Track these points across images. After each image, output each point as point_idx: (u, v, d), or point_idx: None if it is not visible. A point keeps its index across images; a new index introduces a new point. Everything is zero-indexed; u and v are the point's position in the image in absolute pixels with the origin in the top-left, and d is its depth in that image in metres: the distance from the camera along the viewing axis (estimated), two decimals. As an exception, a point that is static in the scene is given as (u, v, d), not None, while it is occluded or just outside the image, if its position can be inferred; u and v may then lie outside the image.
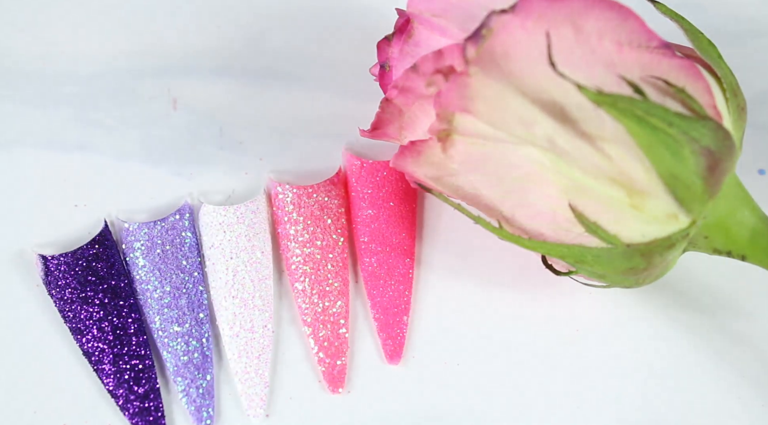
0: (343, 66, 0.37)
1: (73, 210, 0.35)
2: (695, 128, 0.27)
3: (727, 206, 0.29)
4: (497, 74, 0.27)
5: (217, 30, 0.38)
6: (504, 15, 0.26)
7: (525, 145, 0.28)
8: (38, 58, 0.37)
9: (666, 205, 0.28)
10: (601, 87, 0.27)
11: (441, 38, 0.29)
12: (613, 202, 0.28)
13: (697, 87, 0.28)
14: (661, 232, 0.28)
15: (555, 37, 0.27)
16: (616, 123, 0.27)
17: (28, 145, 0.36)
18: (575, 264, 0.29)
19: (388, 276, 0.34)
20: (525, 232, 0.29)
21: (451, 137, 0.28)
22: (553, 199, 0.28)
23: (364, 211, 0.35)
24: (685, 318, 0.34)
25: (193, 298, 0.34)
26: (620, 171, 0.27)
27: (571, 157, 0.27)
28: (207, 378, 0.33)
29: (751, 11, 0.39)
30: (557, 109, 0.27)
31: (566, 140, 0.27)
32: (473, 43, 0.26)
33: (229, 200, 0.35)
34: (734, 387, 0.33)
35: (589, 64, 0.27)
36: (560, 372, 0.33)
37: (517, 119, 0.27)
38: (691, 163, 0.27)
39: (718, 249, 0.30)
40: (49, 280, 0.33)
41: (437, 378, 0.33)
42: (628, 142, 0.27)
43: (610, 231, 0.28)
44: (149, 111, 0.37)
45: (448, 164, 0.29)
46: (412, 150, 0.29)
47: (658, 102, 0.27)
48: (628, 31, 0.27)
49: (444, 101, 0.27)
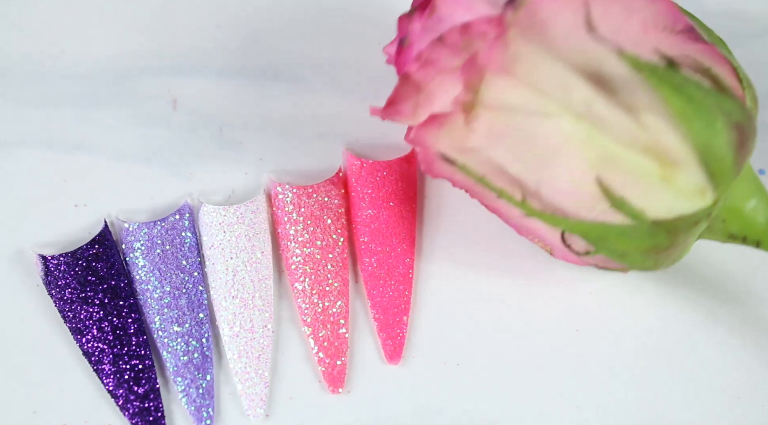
0: (344, 66, 0.37)
1: (73, 210, 0.35)
2: (727, 103, 0.28)
3: (744, 191, 0.30)
4: (536, 39, 0.27)
5: (217, 30, 0.38)
6: None
7: (556, 116, 0.28)
8: (38, 58, 0.37)
9: (697, 177, 0.28)
10: (639, 55, 0.27)
11: (465, 13, 0.29)
12: (644, 174, 0.28)
13: (722, 70, 0.28)
14: (686, 209, 0.28)
15: (593, 5, 0.27)
16: (653, 91, 0.27)
17: (28, 145, 0.36)
18: (597, 241, 0.29)
19: (388, 276, 0.34)
20: (548, 207, 0.29)
21: (476, 110, 0.28)
22: (580, 173, 0.28)
23: (364, 211, 0.35)
24: (686, 318, 0.34)
25: (193, 298, 0.34)
26: (655, 140, 0.28)
27: (607, 124, 0.28)
28: (207, 378, 0.33)
29: (751, 11, 0.39)
30: (595, 76, 0.27)
31: (603, 106, 0.27)
32: (512, 7, 0.26)
33: (229, 200, 0.36)
34: (734, 386, 0.33)
35: (626, 33, 0.27)
36: (560, 371, 0.33)
37: (556, 83, 0.27)
38: (724, 135, 0.28)
39: (733, 235, 0.30)
40: (49, 280, 0.33)
41: (437, 378, 0.33)
42: (664, 111, 0.27)
43: (636, 207, 0.28)
44: (149, 111, 0.37)
45: (470, 138, 0.29)
46: (434, 122, 0.28)
47: (691, 76, 0.28)
48: (655, 13, 0.27)
49: (482, 62, 0.27)
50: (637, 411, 0.33)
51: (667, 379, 0.33)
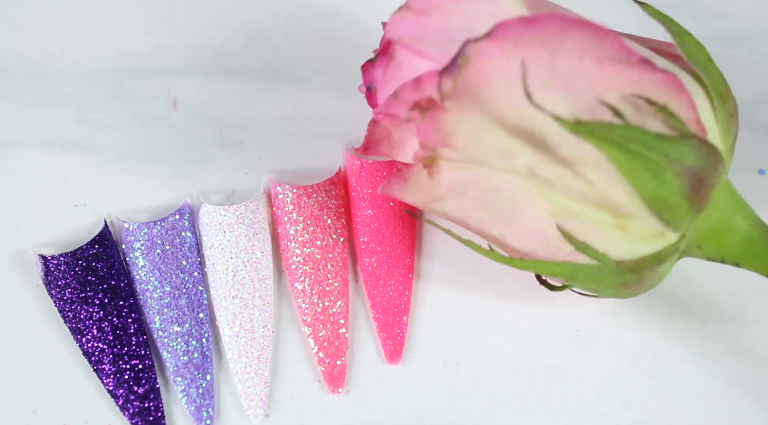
0: (343, 66, 0.37)
1: (73, 210, 0.35)
2: (677, 148, 0.27)
3: (719, 215, 0.29)
4: (474, 106, 0.26)
5: (217, 30, 0.38)
6: (480, 42, 0.26)
7: (507, 173, 0.28)
8: (38, 58, 0.37)
9: (652, 225, 0.28)
10: (580, 113, 0.27)
11: (422, 61, 0.28)
12: (599, 224, 0.28)
13: (679, 102, 0.27)
14: (649, 249, 0.28)
15: (532, 62, 0.26)
16: (596, 150, 0.27)
17: (28, 145, 0.36)
18: (568, 280, 0.29)
19: (388, 276, 0.34)
20: (516, 253, 0.29)
21: (437, 163, 0.28)
22: (541, 220, 0.28)
23: (364, 211, 0.35)
24: (683, 321, 0.34)
25: (193, 298, 0.34)
26: (603, 196, 0.27)
27: (554, 185, 0.27)
28: (207, 378, 0.33)
29: (750, 11, 0.39)
30: (536, 137, 0.27)
31: (547, 168, 0.27)
32: (449, 74, 0.26)
33: (229, 200, 0.36)
34: (731, 390, 0.33)
35: (568, 88, 0.27)
36: (559, 372, 0.33)
37: (496, 152, 0.27)
38: (674, 184, 0.27)
39: (711, 258, 0.30)
40: (49, 280, 0.33)
41: (437, 378, 0.33)
42: (609, 167, 0.27)
43: (599, 250, 0.28)
44: (149, 111, 0.37)
45: (435, 189, 0.29)
46: (399, 177, 0.29)
47: (638, 123, 0.27)
48: (608, 48, 0.26)
49: (422, 137, 0.27)
50: (637, 411, 0.33)
51: (668, 379, 0.33)
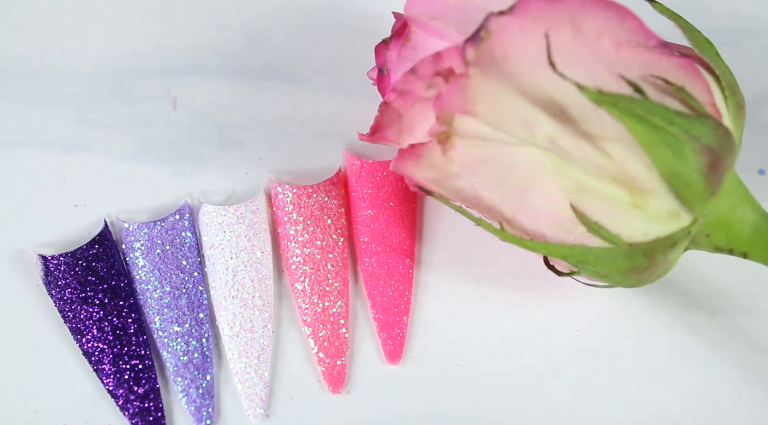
0: (343, 66, 0.37)
1: (73, 210, 0.35)
2: (696, 126, 0.27)
3: (728, 204, 0.29)
4: (497, 75, 0.27)
5: (217, 30, 0.38)
6: (502, 16, 0.26)
7: (526, 146, 0.28)
8: (38, 58, 0.37)
9: (668, 203, 0.28)
10: (601, 86, 0.27)
11: (439, 41, 0.29)
12: (615, 202, 0.28)
13: (696, 85, 0.28)
14: (663, 231, 0.28)
15: (554, 38, 0.27)
16: (617, 122, 0.27)
17: (28, 145, 0.36)
18: (577, 264, 0.29)
19: (388, 276, 0.34)
20: (527, 233, 0.29)
21: (451, 139, 0.28)
22: (555, 199, 0.28)
23: (364, 211, 0.35)
24: (687, 317, 0.34)
25: (193, 298, 0.34)
26: (622, 170, 0.27)
27: (573, 157, 0.27)
28: (207, 378, 0.33)
29: (751, 11, 0.39)
30: (558, 109, 0.27)
31: (567, 140, 0.27)
32: (472, 44, 0.26)
33: (229, 200, 0.36)
34: (735, 385, 0.33)
35: (588, 64, 0.27)
36: (560, 371, 0.33)
37: (518, 120, 0.27)
38: (692, 160, 0.27)
39: (719, 247, 0.30)
40: (49, 280, 0.33)
41: (437, 378, 0.33)
42: (629, 141, 0.27)
43: (612, 231, 0.28)
44: (149, 111, 0.37)
45: (448, 166, 0.29)
46: (412, 153, 0.29)
47: (658, 101, 0.27)
48: (627, 31, 0.27)
49: (444, 103, 0.27)
50: (637, 410, 0.33)
51: (668, 379, 0.33)
